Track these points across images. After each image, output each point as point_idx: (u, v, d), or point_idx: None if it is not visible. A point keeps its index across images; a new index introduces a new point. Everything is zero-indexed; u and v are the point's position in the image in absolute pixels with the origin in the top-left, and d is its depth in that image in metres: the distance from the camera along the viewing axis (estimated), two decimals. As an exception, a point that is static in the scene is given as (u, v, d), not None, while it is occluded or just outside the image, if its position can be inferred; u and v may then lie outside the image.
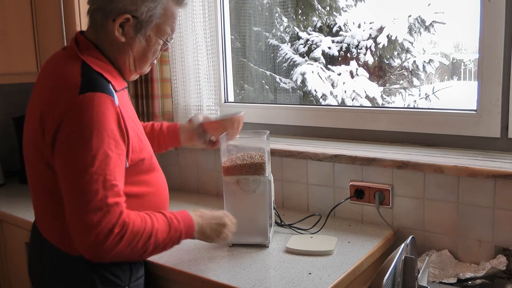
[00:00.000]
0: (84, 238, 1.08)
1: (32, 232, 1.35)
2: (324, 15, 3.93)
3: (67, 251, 1.21)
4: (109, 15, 1.21)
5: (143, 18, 1.22)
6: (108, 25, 1.22)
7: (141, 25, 1.23)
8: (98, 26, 1.24)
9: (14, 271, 1.98)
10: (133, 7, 1.20)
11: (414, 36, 3.62)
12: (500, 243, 1.43)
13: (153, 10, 1.22)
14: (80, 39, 1.25)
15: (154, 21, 1.24)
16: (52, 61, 1.28)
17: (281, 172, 1.83)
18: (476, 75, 1.57)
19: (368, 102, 3.62)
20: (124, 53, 1.25)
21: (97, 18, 1.24)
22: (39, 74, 1.30)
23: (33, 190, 1.27)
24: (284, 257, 1.40)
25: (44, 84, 1.22)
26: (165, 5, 1.25)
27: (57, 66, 1.23)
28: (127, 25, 1.22)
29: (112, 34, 1.22)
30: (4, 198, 2.07)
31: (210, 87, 1.97)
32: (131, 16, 1.21)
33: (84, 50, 1.22)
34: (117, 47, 1.25)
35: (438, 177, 1.51)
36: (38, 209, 1.28)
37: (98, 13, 1.23)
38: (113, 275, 1.23)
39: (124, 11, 1.20)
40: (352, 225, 1.65)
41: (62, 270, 1.23)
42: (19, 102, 2.52)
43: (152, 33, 1.25)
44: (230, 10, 2.19)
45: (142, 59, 1.29)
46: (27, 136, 1.25)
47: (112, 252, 1.10)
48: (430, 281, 1.37)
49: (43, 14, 1.97)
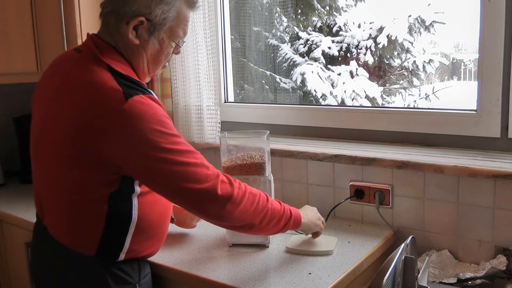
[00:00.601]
0: (220, 208, 1.17)
1: (38, 235, 1.33)
2: (324, 15, 3.93)
3: (80, 251, 1.21)
4: (123, 18, 1.22)
5: (156, 21, 1.23)
6: (121, 28, 1.23)
7: (155, 28, 1.23)
8: (112, 29, 1.24)
9: (14, 271, 1.98)
10: (147, 10, 1.21)
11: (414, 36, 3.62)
12: (500, 243, 1.43)
13: (166, 13, 1.23)
14: (98, 41, 1.25)
15: (168, 24, 1.25)
16: (68, 63, 1.26)
17: (281, 172, 1.83)
18: (476, 75, 1.57)
19: (368, 102, 3.62)
20: (138, 55, 1.26)
21: (110, 21, 1.24)
22: (50, 73, 1.29)
23: (49, 190, 1.25)
24: (284, 257, 1.40)
25: (71, 91, 1.18)
26: (178, 8, 1.25)
27: (81, 71, 1.20)
28: (141, 28, 1.22)
29: (126, 37, 1.23)
30: (4, 198, 2.07)
31: (210, 87, 1.97)
32: (145, 19, 1.21)
33: (105, 53, 1.22)
34: (131, 50, 1.25)
35: (438, 177, 1.51)
36: (53, 211, 1.26)
37: (112, 16, 1.24)
38: (124, 273, 1.24)
39: (138, 14, 1.21)
40: (352, 225, 1.65)
41: (74, 271, 1.23)
42: (19, 102, 2.52)
43: (165, 35, 1.26)
44: (230, 10, 2.19)
45: (155, 62, 1.30)
46: (46, 137, 1.22)
47: (240, 207, 1.19)
48: (430, 281, 1.37)
49: (43, 14, 1.97)
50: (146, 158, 1.12)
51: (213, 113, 1.96)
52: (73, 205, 1.19)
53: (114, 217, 1.20)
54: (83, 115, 1.13)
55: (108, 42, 1.25)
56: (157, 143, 1.11)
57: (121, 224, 1.22)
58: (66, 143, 1.15)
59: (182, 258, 1.41)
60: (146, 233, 1.27)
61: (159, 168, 1.13)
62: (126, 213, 1.21)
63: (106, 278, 1.21)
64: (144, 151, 1.11)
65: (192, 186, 1.14)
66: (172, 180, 1.14)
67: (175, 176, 1.14)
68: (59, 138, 1.17)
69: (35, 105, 1.32)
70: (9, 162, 2.43)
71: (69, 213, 1.21)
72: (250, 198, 1.22)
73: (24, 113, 2.42)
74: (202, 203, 1.17)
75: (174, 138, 1.15)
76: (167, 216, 1.36)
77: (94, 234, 1.20)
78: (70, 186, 1.19)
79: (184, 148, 1.16)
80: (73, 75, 1.21)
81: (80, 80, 1.18)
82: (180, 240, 1.55)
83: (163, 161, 1.12)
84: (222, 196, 1.17)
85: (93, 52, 1.21)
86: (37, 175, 1.29)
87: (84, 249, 1.21)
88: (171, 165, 1.13)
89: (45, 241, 1.28)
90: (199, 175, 1.15)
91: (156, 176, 1.15)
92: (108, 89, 1.13)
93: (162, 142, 1.12)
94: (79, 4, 1.85)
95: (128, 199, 1.21)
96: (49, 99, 1.24)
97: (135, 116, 1.10)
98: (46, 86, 1.29)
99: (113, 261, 1.23)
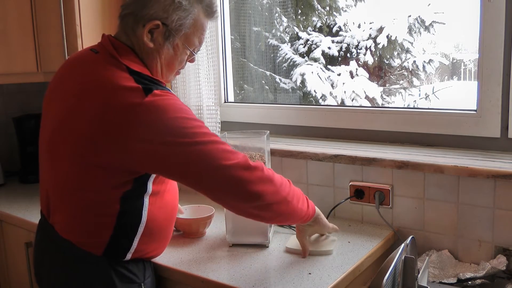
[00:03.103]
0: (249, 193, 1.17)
1: (43, 232, 1.33)
2: (324, 15, 3.93)
3: (88, 250, 1.21)
4: (140, 20, 1.23)
5: (173, 26, 1.23)
6: (138, 30, 1.23)
7: (170, 33, 1.24)
8: (129, 31, 1.25)
9: (14, 271, 1.98)
10: (164, 14, 1.22)
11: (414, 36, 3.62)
12: (500, 243, 1.43)
13: (183, 20, 1.24)
14: (116, 42, 1.25)
15: (184, 30, 1.25)
16: (86, 64, 1.25)
17: (281, 172, 1.83)
18: (476, 75, 1.57)
19: (368, 102, 3.62)
20: (152, 58, 1.26)
21: (128, 23, 1.25)
22: (66, 74, 1.29)
23: (62, 189, 1.24)
24: (284, 257, 1.40)
25: (90, 93, 1.18)
26: (195, 16, 1.26)
27: (100, 72, 1.19)
28: (157, 32, 1.23)
29: (141, 39, 1.23)
30: (4, 198, 2.07)
31: (210, 87, 1.97)
32: (161, 23, 1.22)
33: (123, 54, 1.22)
34: (146, 53, 1.25)
35: (438, 177, 1.51)
36: (63, 210, 1.25)
37: (130, 17, 1.24)
38: (130, 272, 1.24)
39: (155, 17, 1.22)
40: (352, 225, 1.65)
41: (80, 270, 1.23)
42: (19, 102, 2.52)
43: (180, 42, 1.26)
44: (230, 10, 2.19)
45: (169, 67, 1.30)
46: (62, 137, 1.22)
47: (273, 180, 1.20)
48: (430, 281, 1.37)
49: (43, 14, 1.97)
50: (175, 145, 1.12)
51: (213, 113, 1.96)
52: (85, 204, 1.20)
53: (124, 217, 1.20)
54: (105, 116, 1.13)
55: (125, 43, 1.25)
56: (183, 129, 1.12)
57: (131, 224, 1.22)
58: (86, 144, 1.15)
59: (182, 258, 1.41)
60: (154, 234, 1.28)
61: (192, 152, 1.13)
62: (137, 214, 1.22)
63: (112, 277, 1.22)
64: (171, 139, 1.12)
65: (226, 163, 1.15)
66: (207, 161, 1.14)
67: (208, 156, 1.14)
68: (78, 139, 1.17)
69: (48, 105, 1.31)
70: (9, 162, 2.43)
71: (81, 213, 1.21)
72: (275, 174, 1.24)
73: (24, 113, 2.42)
74: (237, 180, 1.16)
75: (197, 122, 1.16)
76: (173, 218, 1.38)
77: (104, 234, 1.20)
78: (85, 186, 1.19)
79: (207, 130, 1.17)
80: (92, 77, 1.20)
81: (100, 81, 1.17)
82: (181, 240, 1.55)
83: (194, 144, 1.13)
84: (255, 166, 1.18)
85: (111, 53, 1.22)
86: (48, 174, 1.28)
87: (92, 248, 1.21)
88: (202, 145, 1.13)
89: (51, 239, 1.28)
90: (229, 152, 1.17)
91: (189, 162, 1.14)
92: (128, 88, 1.13)
93: (188, 128, 1.13)
94: (79, 4, 1.85)
95: (140, 199, 1.22)
96: (66, 100, 1.23)
97: (158, 108, 1.11)
98: (61, 87, 1.28)
99: (119, 260, 1.23)
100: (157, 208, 1.26)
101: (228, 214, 1.48)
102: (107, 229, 1.20)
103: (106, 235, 1.20)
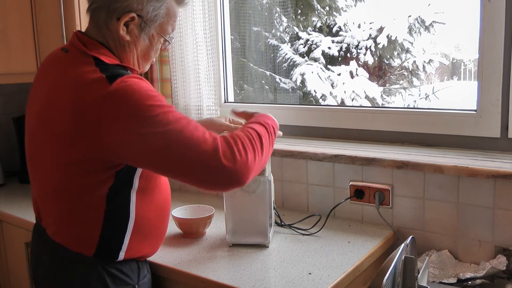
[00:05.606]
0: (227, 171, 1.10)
1: (37, 236, 1.33)
2: (324, 15, 3.94)
3: (79, 251, 1.21)
4: (114, 13, 1.21)
5: (148, 17, 1.23)
6: (112, 24, 1.22)
7: (146, 24, 1.24)
8: (101, 25, 1.23)
9: (14, 271, 1.98)
10: (139, 6, 1.21)
11: (414, 36, 3.62)
12: (500, 243, 1.43)
13: (157, 10, 1.24)
14: (84, 39, 1.24)
15: (158, 20, 1.25)
16: (56, 64, 1.25)
17: (281, 172, 1.83)
18: (476, 75, 1.57)
19: (368, 102, 3.62)
20: (128, 51, 1.26)
21: (100, 17, 1.23)
22: (39, 76, 1.29)
23: (45, 191, 1.24)
24: (284, 257, 1.40)
25: (61, 92, 1.18)
26: (168, 5, 1.26)
27: (68, 70, 1.19)
28: (132, 24, 1.22)
29: (116, 33, 1.22)
30: (4, 198, 2.07)
31: (210, 87, 1.97)
32: (136, 15, 1.21)
33: (93, 49, 1.21)
34: (121, 46, 1.25)
35: (438, 177, 1.51)
36: (51, 212, 1.25)
37: (101, 11, 1.22)
38: (123, 274, 1.24)
39: (130, 10, 1.20)
40: (352, 225, 1.65)
41: (73, 273, 1.23)
42: (19, 102, 2.52)
43: (155, 32, 1.26)
44: (230, 10, 2.19)
45: (145, 58, 1.30)
46: (40, 139, 1.22)
47: (249, 162, 1.12)
48: (430, 281, 1.37)
49: (43, 14, 1.97)
50: (145, 136, 1.09)
51: (213, 113, 1.96)
52: (71, 204, 1.19)
53: (112, 214, 1.19)
54: (76, 113, 1.12)
55: (96, 39, 1.24)
56: (150, 118, 1.08)
57: (120, 221, 1.21)
58: (62, 143, 1.15)
59: (182, 258, 1.41)
60: (145, 232, 1.27)
61: (160, 140, 1.09)
62: (124, 210, 1.21)
63: (105, 279, 1.21)
64: (138, 127, 1.09)
65: (198, 148, 1.09)
66: (177, 148, 1.09)
67: (178, 142, 1.09)
68: (54, 140, 1.17)
69: (28, 108, 1.31)
70: (9, 162, 2.43)
71: (67, 213, 1.21)
72: (248, 144, 1.16)
73: (24, 113, 2.41)
74: (209, 165, 1.10)
75: (163, 109, 1.11)
76: (166, 217, 1.36)
77: (93, 233, 1.20)
78: (68, 186, 1.18)
79: (174, 115, 1.12)
80: (61, 76, 1.20)
81: (68, 79, 1.17)
82: (180, 240, 1.55)
83: (162, 134, 1.09)
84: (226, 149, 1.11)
85: (79, 49, 1.21)
86: (33, 177, 1.29)
87: (83, 249, 1.21)
88: (169, 134, 1.09)
89: (44, 242, 1.28)
90: (197, 139, 1.10)
91: (158, 149, 1.10)
92: (93, 80, 1.12)
93: (153, 116, 1.09)
94: (79, 4, 1.85)
95: (126, 195, 1.21)
96: (40, 102, 1.24)
97: (122, 96, 1.09)
98: (35, 90, 1.28)
99: (113, 261, 1.23)
100: (146, 204, 1.25)
101: (228, 214, 1.48)
102: (96, 228, 1.19)
103: (96, 235, 1.19)
